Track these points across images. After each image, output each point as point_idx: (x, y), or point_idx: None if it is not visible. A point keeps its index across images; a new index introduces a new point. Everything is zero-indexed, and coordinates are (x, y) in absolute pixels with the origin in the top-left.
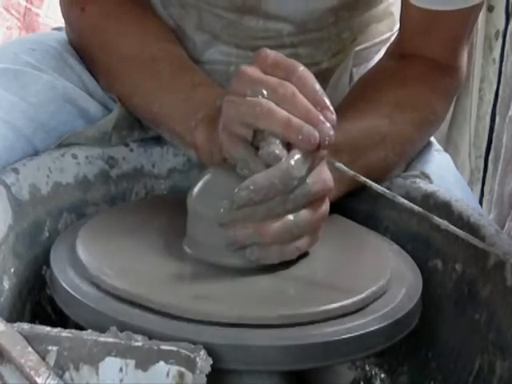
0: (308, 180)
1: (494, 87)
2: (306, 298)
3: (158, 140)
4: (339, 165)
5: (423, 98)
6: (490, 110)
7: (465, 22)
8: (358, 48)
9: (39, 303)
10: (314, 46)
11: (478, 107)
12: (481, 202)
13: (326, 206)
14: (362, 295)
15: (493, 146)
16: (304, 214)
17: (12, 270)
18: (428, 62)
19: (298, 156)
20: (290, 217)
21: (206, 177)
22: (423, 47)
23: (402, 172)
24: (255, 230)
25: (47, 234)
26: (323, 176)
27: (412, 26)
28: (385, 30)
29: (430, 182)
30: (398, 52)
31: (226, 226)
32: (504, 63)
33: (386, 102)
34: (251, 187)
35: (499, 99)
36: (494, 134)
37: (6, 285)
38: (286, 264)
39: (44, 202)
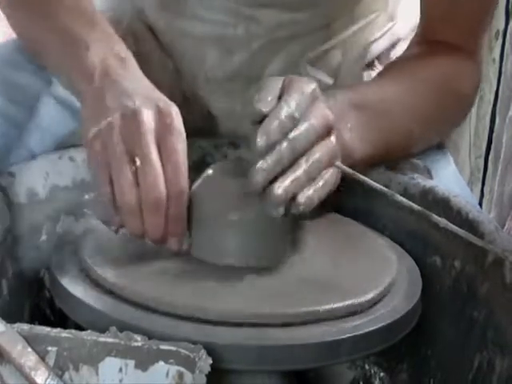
0: (308, 118)
1: (494, 87)
2: (306, 298)
3: None
4: (338, 164)
5: (451, 81)
6: (489, 110)
7: (486, 6)
8: (355, 28)
9: (38, 306)
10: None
11: (477, 107)
12: (481, 202)
13: (333, 139)
14: (366, 297)
15: (493, 146)
16: (315, 149)
17: (10, 272)
18: (452, 47)
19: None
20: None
21: (206, 176)
22: (446, 33)
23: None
24: (291, 180)
25: (45, 236)
26: (320, 112)
27: (434, 13)
28: (379, 8)
29: (431, 177)
30: (421, 41)
31: (262, 188)
32: (504, 63)
33: (415, 78)
34: (267, 129)
35: (499, 99)
36: (494, 134)
37: (5, 288)
38: (287, 264)
39: (41, 205)
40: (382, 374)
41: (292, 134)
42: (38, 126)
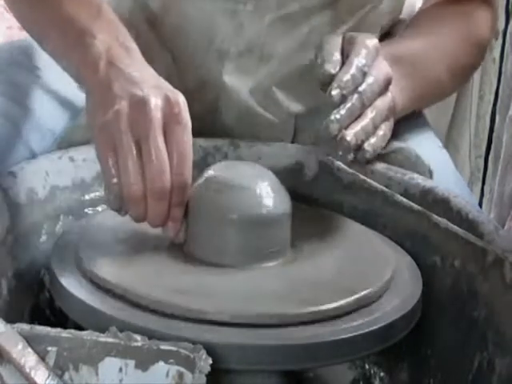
0: (374, 72)
1: (494, 87)
2: (305, 298)
3: None
4: (339, 163)
5: (470, 29)
6: (489, 110)
7: None
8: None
9: (38, 306)
10: None
11: (477, 107)
12: (481, 202)
13: (390, 94)
14: (366, 297)
15: (493, 145)
16: (378, 102)
17: (10, 273)
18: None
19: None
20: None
21: (206, 175)
22: None
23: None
24: (360, 127)
25: (45, 236)
26: (383, 67)
27: None
28: None
29: (431, 177)
30: None
31: (337, 135)
32: (504, 63)
33: (438, 31)
34: (342, 81)
35: (499, 99)
36: (494, 134)
37: (5, 288)
38: (286, 264)
39: (41, 205)
40: (382, 374)
41: (361, 88)
42: (38, 125)
